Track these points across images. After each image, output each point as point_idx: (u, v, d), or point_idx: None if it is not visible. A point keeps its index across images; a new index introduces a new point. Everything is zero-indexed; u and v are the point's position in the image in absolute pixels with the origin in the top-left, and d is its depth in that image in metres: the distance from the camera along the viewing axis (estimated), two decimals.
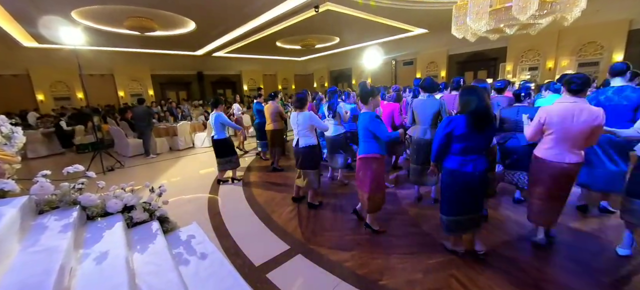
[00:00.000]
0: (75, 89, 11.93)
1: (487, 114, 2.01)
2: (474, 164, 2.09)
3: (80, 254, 1.79)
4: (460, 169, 2.11)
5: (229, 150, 4.51)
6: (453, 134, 2.09)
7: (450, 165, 2.17)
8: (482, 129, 2.02)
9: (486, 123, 2.01)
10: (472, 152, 2.09)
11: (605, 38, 9.44)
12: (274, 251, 2.56)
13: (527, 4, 3.75)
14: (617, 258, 2.27)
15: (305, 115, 3.27)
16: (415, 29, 10.71)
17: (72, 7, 6.30)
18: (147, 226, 2.41)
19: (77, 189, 2.39)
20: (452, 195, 2.22)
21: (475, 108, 1.98)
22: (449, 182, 2.21)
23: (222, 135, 4.40)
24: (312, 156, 3.36)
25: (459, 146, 2.10)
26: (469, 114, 2.01)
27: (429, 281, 2.10)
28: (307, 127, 3.28)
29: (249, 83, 17.54)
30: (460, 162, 2.11)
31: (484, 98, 2.00)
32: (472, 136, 2.04)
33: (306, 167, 3.37)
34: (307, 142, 3.32)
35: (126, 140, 6.98)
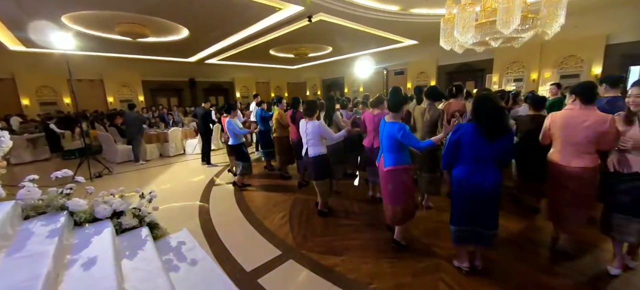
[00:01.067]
0: (62, 94, 11.68)
1: (498, 122, 1.91)
2: (482, 175, 1.99)
3: (67, 259, 1.77)
4: (468, 179, 2.04)
5: (243, 156, 4.49)
6: (461, 142, 2.03)
7: (458, 174, 2.10)
8: (491, 139, 1.92)
9: (496, 132, 1.91)
10: (481, 161, 2.00)
11: (585, 52, 9.90)
12: (266, 256, 2.56)
13: (510, 18, 3.92)
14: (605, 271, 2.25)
15: (315, 125, 3.16)
16: (406, 40, 11.01)
17: (63, 11, 6.24)
18: (137, 232, 2.39)
19: (65, 194, 2.36)
20: (460, 205, 2.15)
21: (486, 116, 1.91)
22: (456, 191, 2.14)
23: (236, 141, 4.45)
24: (323, 166, 3.27)
25: (467, 155, 2.04)
26: (479, 122, 1.95)
27: (417, 285, 2.14)
28: (317, 136, 3.18)
29: (242, 90, 17.53)
30: (468, 172, 2.04)
31: (497, 106, 1.92)
32: (481, 145, 1.96)
33: (316, 178, 3.29)
34: (317, 151, 3.22)
35: (115, 146, 6.86)
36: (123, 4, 5.99)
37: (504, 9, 3.65)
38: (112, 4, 5.93)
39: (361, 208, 3.64)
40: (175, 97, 15.72)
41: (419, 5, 7.30)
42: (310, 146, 3.25)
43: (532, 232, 2.89)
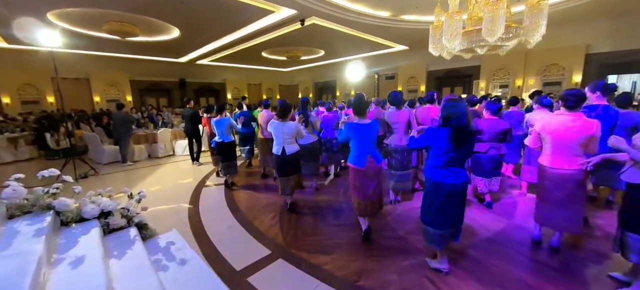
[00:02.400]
0: (45, 93, 11.33)
1: (468, 129, 2.04)
2: (456, 176, 2.11)
3: (54, 259, 1.75)
4: (444, 181, 2.13)
5: (233, 155, 4.64)
6: (434, 146, 2.14)
7: (434, 178, 2.18)
8: (460, 144, 2.03)
9: (466, 139, 2.04)
10: (454, 164, 2.11)
11: (566, 60, 10.35)
12: (255, 256, 2.59)
13: (494, 27, 4.09)
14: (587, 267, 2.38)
15: (291, 126, 3.40)
16: (397, 45, 11.23)
17: (48, 8, 6.10)
18: (125, 232, 2.37)
19: (52, 194, 2.32)
20: (439, 208, 2.20)
21: (457, 123, 2.01)
22: (434, 195, 2.21)
23: (229, 139, 4.57)
24: (296, 163, 3.57)
25: (441, 159, 2.13)
26: (451, 128, 2.04)
27: (403, 281, 2.22)
28: (293, 136, 3.43)
29: (233, 92, 17.42)
30: (443, 175, 2.13)
31: (466, 113, 2.02)
32: (453, 149, 2.07)
33: (288, 174, 3.52)
34: (294, 149, 3.49)
35: (101, 147, 6.71)
36: (112, 2, 5.90)
37: (489, 18, 3.80)
38: (101, 1, 5.84)
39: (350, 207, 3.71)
40: (165, 98, 15.48)
41: (410, 11, 7.49)
42: (287, 145, 3.46)
43: (512, 231, 3.00)
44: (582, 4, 6.67)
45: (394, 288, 2.15)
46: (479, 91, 12.03)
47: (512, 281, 2.22)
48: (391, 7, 7.13)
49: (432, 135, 2.16)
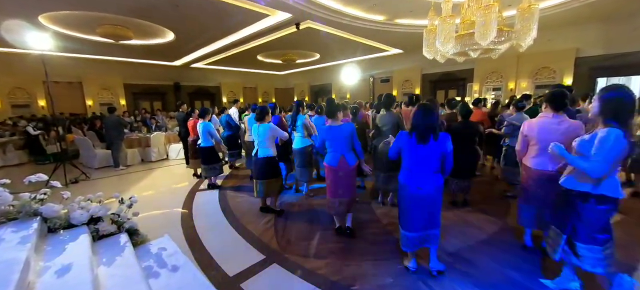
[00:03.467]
0: (36, 96, 11.15)
1: (428, 130, 2.02)
2: (422, 180, 2.10)
3: (40, 266, 1.70)
4: (408, 184, 2.15)
5: (214, 158, 4.71)
6: (402, 149, 2.17)
7: (401, 180, 2.21)
8: (422, 140, 2.03)
9: (426, 139, 2.02)
10: (418, 166, 2.12)
11: (557, 64, 10.54)
12: (249, 261, 2.55)
13: (487, 31, 4.15)
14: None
15: (266, 128, 3.43)
16: (391, 49, 11.33)
17: (40, 11, 6.02)
18: (115, 239, 2.32)
19: (39, 200, 2.27)
20: (405, 210, 2.23)
21: (416, 124, 2.04)
22: (400, 196, 2.26)
23: (209, 143, 4.61)
24: (270, 166, 3.54)
25: (407, 161, 2.16)
26: (412, 129, 2.08)
27: (398, 285, 2.21)
28: (268, 138, 3.47)
29: (229, 95, 17.33)
30: (408, 177, 2.15)
31: (427, 114, 2.02)
32: (417, 150, 2.07)
33: (262, 177, 3.52)
34: (267, 153, 3.49)
35: (93, 151, 6.60)
36: (106, 6, 5.85)
37: (481, 22, 3.86)
38: (94, 5, 5.78)
39: None
40: (159, 101, 15.35)
41: (404, 16, 7.56)
42: (260, 148, 3.49)
43: (505, 233, 3.01)
44: (571, 9, 6.81)
45: None
46: (472, 94, 12.17)
47: (506, 283, 2.21)
48: (386, 11, 7.19)
49: (401, 139, 2.19)
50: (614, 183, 1.70)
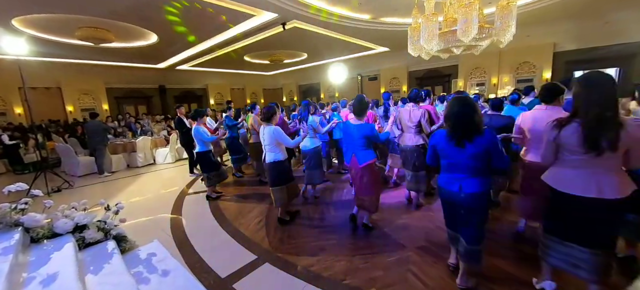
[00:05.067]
0: (12, 104, 10.65)
1: (466, 126, 1.80)
2: (460, 184, 1.89)
3: (23, 278, 1.65)
4: (445, 187, 1.98)
5: (213, 163, 4.35)
6: (437, 149, 2.01)
7: (439, 182, 2.06)
8: (459, 142, 1.83)
9: (464, 137, 1.80)
10: (457, 170, 1.91)
11: (536, 58, 10.96)
12: (241, 262, 2.56)
13: (468, 28, 4.28)
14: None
15: (270, 130, 3.17)
16: (378, 47, 11.45)
17: (12, 14, 5.75)
18: (102, 246, 2.27)
19: (20, 210, 2.19)
20: (444, 211, 2.15)
21: (454, 121, 1.84)
22: (441, 198, 2.13)
23: (204, 148, 4.25)
24: (279, 172, 3.26)
25: (444, 162, 1.99)
26: (449, 127, 1.88)
27: (388, 277, 2.26)
28: (273, 142, 3.20)
29: (216, 97, 17.09)
30: (446, 180, 1.98)
31: (465, 109, 1.81)
32: (453, 152, 1.88)
33: (272, 184, 3.29)
34: (274, 157, 3.23)
35: (76, 158, 6.38)
36: (84, 7, 5.64)
37: (463, 19, 3.98)
38: (70, 7, 5.57)
39: (337, 208, 3.75)
40: (144, 105, 14.95)
41: (389, 14, 7.66)
42: (268, 152, 3.26)
43: (501, 225, 3.04)
44: (546, 6, 7.08)
45: (379, 284, 2.19)
46: (457, 89, 12.50)
47: (498, 273, 2.27)
48: (371, 10, 7.28)
49: (434, 138, 2.03)
50: None
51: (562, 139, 1.64)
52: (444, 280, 2.21)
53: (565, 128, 1.62)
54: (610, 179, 1.56)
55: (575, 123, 1.58)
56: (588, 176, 1.60)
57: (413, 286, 2.17)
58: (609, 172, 1.57)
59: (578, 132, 1.56)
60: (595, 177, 1.58)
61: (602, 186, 1.56)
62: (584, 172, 1.61)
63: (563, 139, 1.64)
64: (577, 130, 1.56)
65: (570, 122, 1.61)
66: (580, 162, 1.61)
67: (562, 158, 1.72)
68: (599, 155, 1.52)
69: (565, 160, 1.70)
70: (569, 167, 1.68)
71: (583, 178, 1.61)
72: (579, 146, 1.57)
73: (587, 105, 1.54)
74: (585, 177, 1.61)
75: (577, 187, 1.62)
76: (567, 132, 1.61)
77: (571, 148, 1.62)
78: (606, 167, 1.56)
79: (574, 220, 1.69)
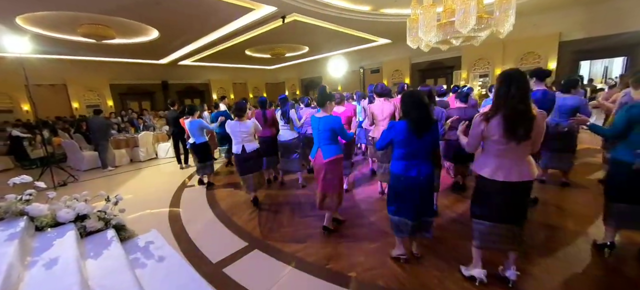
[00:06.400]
0: (19, 101, 10.89)
1: (425, 119, 2.03)
2: (418, 169, 2.10)
3: (28, 261, 1.76)
4: (405, 174, 2.13)
5: (208, 155, 4.75)
6: (395, 140, 2.13)
7: (395, 170, 2.19)
8: (420, 135, 2.03)
9: (424, 129, 2.03)
10: (414, 157, 2.10)
11: (541, 48, 10.72)
12: (232, 249, 2.68)
13: (467, 19, 4.25)
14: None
15: (248, 124, 3.52)
16: (380, 39, 11.36)
17: (16, 12, 5.88)
18: (102, 235, 2.38)
19: (25, 200, 2.31)
20: (399, 198, 2.23)
21: (415, 114, 2.02)
22: (395, 186, 2.24)
23: (201, 140, 4.63)
24: (258, 159, 3.67)
25: (401, 151, 2.13)
26: (409, 119, 2.05)
27: (368, 262, 2.37)
28: (250, 133, 3.55)
29: (219, 92, 17.18)
30: (404, 167, 2.13)
31: (422, 103, 2.03)
32: (412, 141, 2.06)
33: (252, 171, 3.62)
34: (254, 147, 3.59)
35: (80, 153, 6.55)
36: (83, 4, 5.73)
37: (461, 10, 3.94)
38: (71, 4, 5.66)
39: None
40: (147, 101, 15.15)
41: (389, 5, 7.59)
42: (246, 143, 3.56)
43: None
44: None
45: (360, 268, 2.30)
46: (460, 81, 12.34)
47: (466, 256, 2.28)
48: (371, 1, 7.22)
49: (393, 129, 2.15)
50: None
51: (488, 130, 1.81)
52: (418, 263, 2.33)
53: (491, 121, 1.78)
54: (526, 163, 1.82)
55: (498, 116, 1.74)
56: (510, 163, 1.81)
57: (391, 269, 2.28)
58: (524, 157, 1.82)
59: (501, 124, 1.73)
60: (516, 163, 1.80)
61: (522, 170, 1.80)
62: (506, 160, 1.82)
63: (489, 131, 1.80)
64: (500, 122, 1.73)
65: (495, 115, 1.76)
66: (503, 151, 1.80)
67: (488, 148, 1.90)
68: (518, 143, 1.73)
69: (490, 149, 1.88)
70: (494, 156, 1.86)
71: (506, 165, 1.82)
72: (502, 136, 1.75)
73: (507, 100, 1.70)
74: (508, 164, 1.81)
75: (503, 173, 1.82)
76: (492, 124, 1.78)
77: (495, 139, 1.79)
78: (522, 153, 1.80)
79: (500, 203, 1.89)
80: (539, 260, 2.27)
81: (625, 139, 2.08)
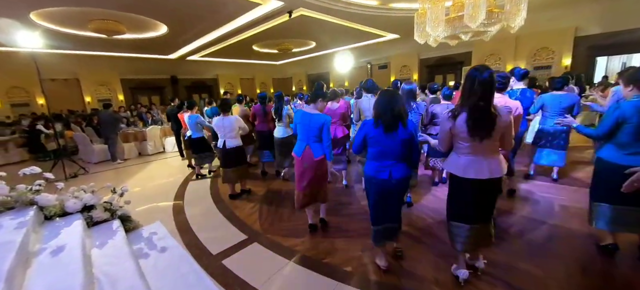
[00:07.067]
0: (35, 95, 11.26)
1: (395, 117, 1.93)
2: (389, 171, 2.01)
3: (37, 248, 1.83)
4: (376, 176, 2.05)
5: (205, 147, 4.91)
6: (366, 137, 2.06)
7: (367, 171, 2.11)
8: (387, 130, 1.95)
9: (393, 127, 1.94)
10: (386, 157, 2.02)
11: (555, 44, 10.36)
12: (232, 241, 2.74)
13: (476, 13, 4.14)
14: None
15: (230, 120, 3.63)
16: (388, 34, 11.19)
17: (30, 8, 6.04)
18: (108, 225, 2.45)
19: (35, 191, 2.39)
20: (372, 203, 2.17)
21: (383, 111, 1.95)
22: (368, 189, 2.18)
23: (198, 134, 4.77)
24: (240, 155, 3.82)
25: (373, 150, 2.06)
26: (378, 117, 1.98)
27: (365, 257, 2.40)
28: (234, 129, 3.67)
29: (226, 87, 17.35)
30: (376, 169, 2.05)
31: (392, 101, 1.94)
32: (383, 140, 1.99)
33: (234, 165, 3.75)
34: (235, 143, 3.71)
35: (91, 146, 6.76)
36: (94, 0, 5.85)
37: (470, 4, 3.85)
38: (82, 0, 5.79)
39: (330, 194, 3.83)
40: (157, 95, 15.41)
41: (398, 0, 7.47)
42: (227, 139, 3.67)
43: None
44: None
45: (355, 263, 2.33)
46: None
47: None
48: None
49: (364, 126, 2.08)
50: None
51: (456, 128, 1.78)
52: (412, 258, 2.36)
53: (458, 118, 1.76)
54: (495, 161, 1.81)
55: (464, 113, 1.73)
56: (480, 160, 1.79)
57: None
58: (493, 154, 1.81)
59: (466, 121, 1.72)
60: (485, 161, 1.78)
61: (492, 167, 1.78)
62: (475, 158, 1.80)
63: (456, 128, 1.78)
64: (465, 119, 1.72)
65: (461, 112, 1.74)
66: (471, 148, 1.79)
67: (457, 146, 1.87)
68: (481, 141, 1.72)
69: (459, 147, 1.86)
70: (463, 154, 1.84)
71: (476, 162, 1.80)
72: (467, 134, 1.73)
73: (469, 97, 1.69)
74: (477, 161, 1.79)
75: (473, 171, 1.80)
76: (459, 122, 1.76)
77: (462, 136, 1.78)
78: (490, 151, 1.79)
79: (472, 202, 1.88)
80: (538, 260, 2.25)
81: (612, 139, 2.04)
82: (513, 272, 2.10)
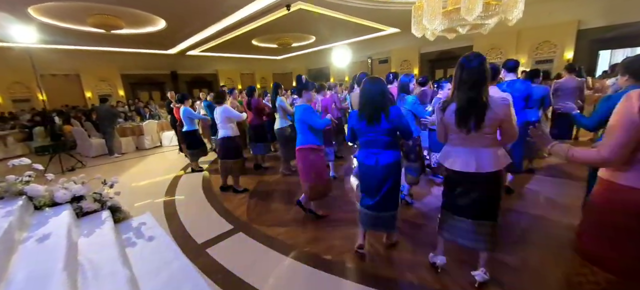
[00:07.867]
0: (35, 90, 11.31)
1: (376, 109, 1.96)
2: (376, 158, 2.05)
3: (23, 236, 1.87)
4: (363, 162, 2.12)
5: (197, 142, 4.94)
6: (354, 129, 2.14)
7: (357, 157, 2.20)
8: (370, 122, 1.98)
9: (374, 118, 1.96)
10: (372, 146, 2.06)
11: (558, 37, 10.19)
12: (218, 231, 2.79)
13: (473, 6, 4.09)
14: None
15: (218, 111, 3.63)
16: (388, 28, 11.08)
17: (28, 3, 6.05)
18: (97, 215, 2.49)
19: (25, 181, 2.42)
20: (362, 187, 2.23)
21: (362, 104, 2.01)
22: (358, 172, 2.25)
23: (191, 128, 4.80)
24: (227, 147, 3.71)
25: (361, 140, 2.14)
26: (360, 110, 2.04)
27: (345, 246, 2.43)
28: (225, 119, 3.63)
29: (227, 82, 17.35)
30: (364, 155, 2.12)
31: (373, 93, 1.96)
32: (367, 131, 2.03)
33: (223, 157, 3.73)
34: (225, 133, 3.65)
35: (88, 141, 6.83)
36: None
37: None
38: None
39: None
40: (157, 91, 15.46)
41: None
42: (221, 129, 3.67)
43: None
44: None
45: (336, 251, 2.36)
46: None
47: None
48: None
49: (351, 118, 2.17)
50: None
51: (446, 119, 1.75)
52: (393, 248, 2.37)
53: (447, 109, 1.72)
54: (487, 154, 1.68)
55: (453, 104, 1.68)
56: (468, 153, 1.71)
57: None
58: (486, 147, 1.68)
59: (454, 112, 1.67)
60: (474, 153, 1.69)
61: (480, 161, 1.68)
62: (464, 149, 1.73)
63: (446, 119, 1.75)
64: (454, 109, 1.67)
65: (451, 103, 1.70)
66: (460, 140, 1.74)
67: (449, 137, 1.83)
68: (469, 133, 1.64)
69: (450, 138, 1.82)
70: (453, 145, 1.80)
71: (464, 154, 1.73)
72: (456, 125, 1.68)
73: (458, 86, 1.65)
74: (465, 153, 1.72)
75: (460, 163, 1.74)
76: (448, 113, 1.72)
77: (452, 127, 1.73)
78: (482, 144, 1.68)
79: (460, 195, 1.81)
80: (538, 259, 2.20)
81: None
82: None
